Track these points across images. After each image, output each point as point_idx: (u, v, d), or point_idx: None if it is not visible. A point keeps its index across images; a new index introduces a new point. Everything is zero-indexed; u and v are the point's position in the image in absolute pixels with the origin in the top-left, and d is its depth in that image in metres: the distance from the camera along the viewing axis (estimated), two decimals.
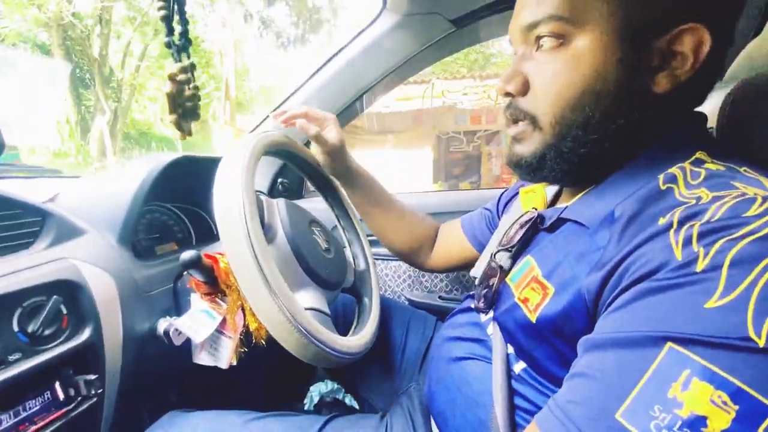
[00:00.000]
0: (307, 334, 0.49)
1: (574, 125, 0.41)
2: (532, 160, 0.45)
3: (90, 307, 0.53)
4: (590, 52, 0.39)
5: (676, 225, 0.32)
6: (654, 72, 0.39)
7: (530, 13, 0.41)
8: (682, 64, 0.38)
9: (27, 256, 0.52)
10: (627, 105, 0.39)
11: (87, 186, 0.71)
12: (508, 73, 0.44)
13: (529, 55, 0.43)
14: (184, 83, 0.35)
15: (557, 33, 0.39)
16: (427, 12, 0.86)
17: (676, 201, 0.34)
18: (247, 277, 0.47)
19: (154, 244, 0.82)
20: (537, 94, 0.43)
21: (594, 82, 0.39)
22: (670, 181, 0.37)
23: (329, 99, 1.06)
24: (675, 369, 0.27)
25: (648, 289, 0.31)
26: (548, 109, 0.42)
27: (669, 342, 0.28)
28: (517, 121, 0.46)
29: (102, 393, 0.54)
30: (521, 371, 0.48)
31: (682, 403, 0.26)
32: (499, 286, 0.50)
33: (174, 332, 0.64)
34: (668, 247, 0.31)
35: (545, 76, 0.41)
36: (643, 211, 0.36)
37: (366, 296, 0.76)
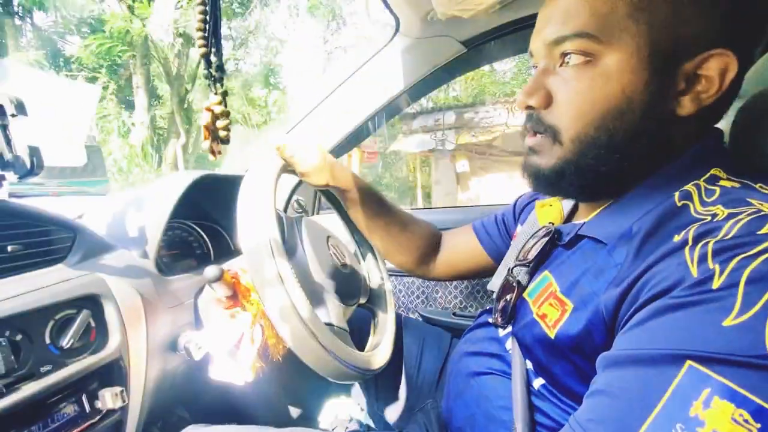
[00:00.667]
0: (328, 350, 0.50)
1: (596, 144, 0.41)
2: (550, 174, 0.45)
3: (117, 321, 0.55)
4: (618, 72, 0.38)
5: (692, 242, 0.32)
6: (679, 95, 0.39)
7: (557, 28, 0.41)
8: (708, 88, 0.38)
9: (59, 271, 0.54)
10: (651, 126, 0.40)
11: (113, 204, 0.74)
12: (530, 87, 0.44)
13: (552, 70, 0.43)
14: (220, 114, 0.38)
15: (585, 51, 0.39)
16: (439, 35, 0.89)
17: (692, 218, 0.35)
18: (271, 294, 0.48)
19: (175, 260, 0.84)
20: (560, 109, 0.42)
21: (619, 102, 0.39)
22: (685, 198, 0.37)
23: (340, 121, 1.09)
24: (695, 387, 0.27)
25: (665, 306, 0.31)
26: (570, 125, 0.42)
27: (688, 360, 0.28)
28: (536, 134, 0.46)
29: (126, 406, 0.55)
30: (540, 387, 0.47)
31: (704, 421, 0.26)
32: (516, 301, 0.50)
33: (194, 346, 0.65)
34: (684, 264, 0.31)
35: (570, 93, 0.41)
36: (658, 228, 0.36)
37: (381, 311, 0.76)
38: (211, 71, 0.36)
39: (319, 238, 0.69)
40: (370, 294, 0.77)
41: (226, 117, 0.39)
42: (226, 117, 0.39)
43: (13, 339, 0.45)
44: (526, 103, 0.45)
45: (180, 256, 0.86)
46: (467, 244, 0.77)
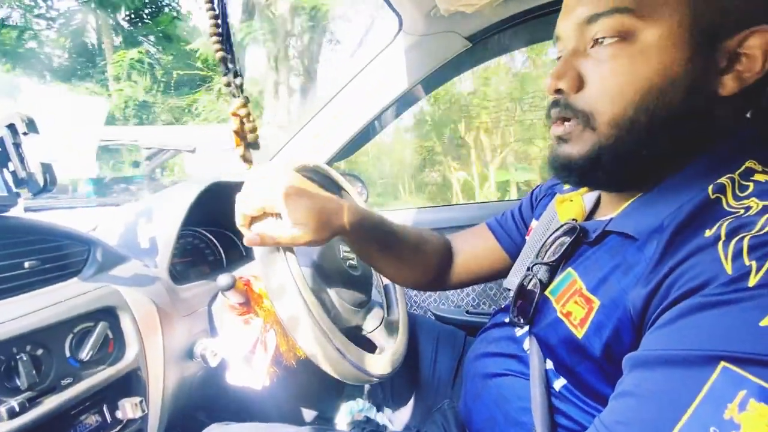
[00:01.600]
0: (343, 354, 0.50)
1: (636, 126, 0.38)
2: (584, 162, 0.42)
3: (134, 332, 0.56)
4: (659, 48, 0.36)
5: (725, 237, 0.31)
6: (721, 74, 0.37)
7: (591, 6, 0.38)
8: (750, 66, 0.36)
9: (76, 284, 0.55)
10: (695, 106, 0.38)
11: (125, 215, 0.75)
12: (559, 69, 0.41)
13: (582, 51, 0.41)
14: (245, 117, 0.38)
15: (622, 28, 0.37)
16: (443, 31, 0.88)
17: (724, 211, 0.33)
18: (284, 300, 0.48)
19: (188, 268, 0.85)
20: (593, 91, 0.40)
21: (660, 80, 0.37)
22: (718, 191, 0.35)
23: (346, 121, 1.09)
24: (730, 389, 0.26)
25: (697, 305, 0.30)
26: (606, 108, 0.39)
27: (723, 361, 0.27)
28: (563, 121, 0.43)
29: (146, 415, 0.55)
30: (562, 388, 0.46)
31: (739, 425, 0.25)
32: (538, 299, 0.48)
33: (210, 353, 0.66)
34: (717, 260, 0.30)
35: (605, 73, 0.39)
36: (689, 222, 0.34)
37: (393, 313, 0.76)
38: (229, 75, 0.36)
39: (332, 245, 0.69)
40: (382, 296, 0.77)
41: (252, 120, 0.38)
42: (253, 120, 0.39)
43: (34, 354, 0.46)
44: (556, 86, 0.42)
45: (192, 264, 0.87)
46: (485, 246, 0.72)
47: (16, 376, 0.44)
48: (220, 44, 0.35)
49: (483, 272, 0.73)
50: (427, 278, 0.71)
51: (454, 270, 0.73)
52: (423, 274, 0.69)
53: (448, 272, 0.73)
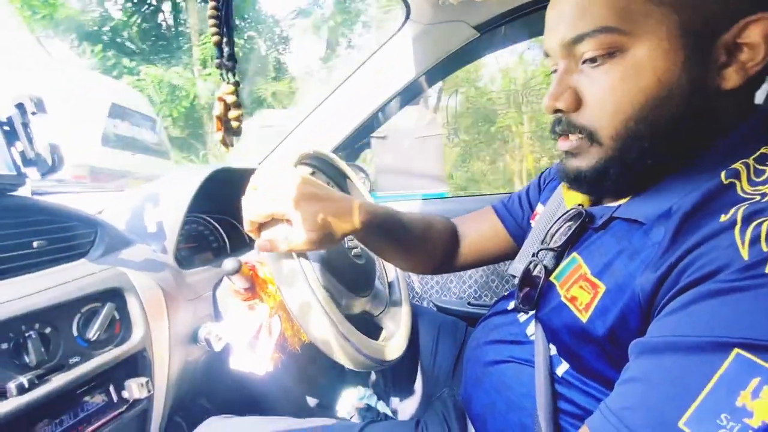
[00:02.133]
0: (348, 340, 0.50)
1: (639, 136, 0.39)
2: (593, 175, 0.42)
3: (140, 314, 0.56)
4: (650, 61, 0.36)
5: (741, 222, 0.31)
6: (721, 68, 0.37)
7: (573, 26, 0.39)
8: (753, 55, 0.36)
9: (83, 265, 0.56)
10: (695, 107, 0.38)
11: (131, 199, 0.75)
12: (555, 89, 0.42)
13: (574, 68, 0.41)
14: (232, 103, 0.38)
15: (609, 45, 0.37)
16: (451, 20, 0.88)
17: (739, 197, 0.33)
18: (289, 286, 0.49)
19: (192, 254, 0.85)
20: (593, 109, 0.40)
21: (657, 91, 0.37)
22: (732, 176, 0.35)
23: (352, 112, 1.08)
24: (743, 376, 0.26)
25: (711, 290, 0.30)
26: (607, 123, 0.39)
27: (736, 348, 0.27)
28: (569, 135, 0.43)
29: (151, 396, 0.56)
30: (564, 373, 0.46)
31: (752, 412, 0.25)
32: (543, 285, 0.48)
33: (215, 338, 0.66)
34: (733, 245, 0.30)
35: (601, 91, 0.39)
36: (702, 207, 0.34)
37: (396, 302, 0.76)
38: (223, 60, 0.36)
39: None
40: (386, 286, 0.77)
41: (238, 107, 0.38)
42: (239, 107, 0.38)
43: (42, 332, 0.47)
44: (555, 107, 0.42)
45: (197, 250, 0.87)
46: (489, 228, 0.72)
47: (25, 354, 0.45)
48: (217, 27, 0.34)
49: (488, 255, 0.74)
50: (434, 263, 0.72)
51: (460, 253, 0.73)
52: (430, 260, 0.70)
53: (454, 255, 0.73)
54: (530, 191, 0.70)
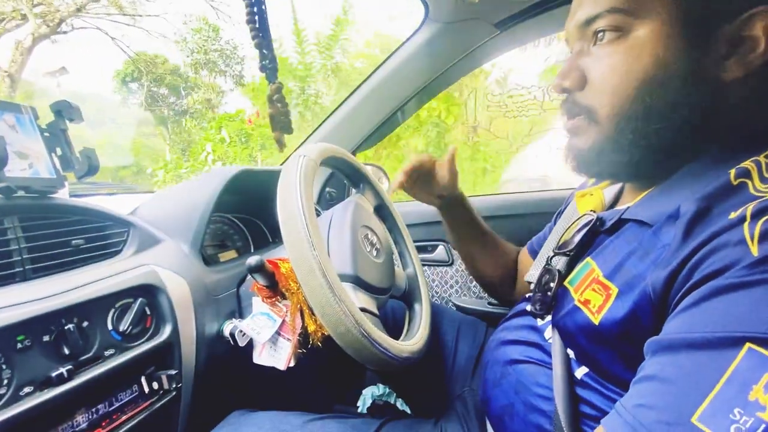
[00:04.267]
0: (367, 337, 0.51)
1: (634, 117, 0.40)
2: (590, 154, 0.45)
3: (169, 309, 0.59)
4: (650, 42, 0.38)
5: (750, 218, 0.31)
6: (723, 59, 0.37)
7: (588, 8, 0.41)
8: (753, 48, 0.36)
9: (117, 263, 0.59)
10: (692, 94, 0.38)
11: (162, 200, 0.78)
12: (564, 69, 0.45)
13: (586, 51, 0.43)
14: (279, 102, 0.39)
15: (616, 25, 0.40)
16: (470, 18, 0.87)
17: (750, 195, 0.33)
18: (312, 284, 0.50)
19: (218, 252, 0.88)
20: (594, 87, 0.42)
21: (654, 71, 0.38)
22: (742, 175, 0.35)
23: (375, 108, 1.09)
24: (756, 371, 0.26)
25: (722, 286, 0.30)
26: (606, 102, 0.41)
27: (748, 342, 0.27)
28: (573, 116, 0.46)
29: (180, 388, 0.59)
30: (584, 376, 0.46)
31: (765, 406, 0.25)
32: (557, 290, 0.49)
33: (239, 333, 0.69)
34: (742, 241, 0.30)
35: (603, 69, 0.41)
36: (712, 207, 0.34)
37: (416, 303, 0.76)
38: (265, 63, 0.38)
39: (353, 228, 0.70)
40: (406, 286, 0.78)
41: (285, 105, 0.40)
42: (285, 105, 0.40)
43: (80, 325, 0.50)
44: (562, 86, 0.45)
45: (222, 248, 0.90)
46: (525, 263, 0.79)
47: (65, 346, 0.48)
48: (257, 32, 0.36)
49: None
50: (497, 276, 0.83)
51: (517, 281, 0.83)
52: (496, 270, 0.82)
53: (511, 283, 0.83)
54: (551, 225, 0.74)
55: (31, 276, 0.51)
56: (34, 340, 0.46)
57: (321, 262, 0.50)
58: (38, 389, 0.45)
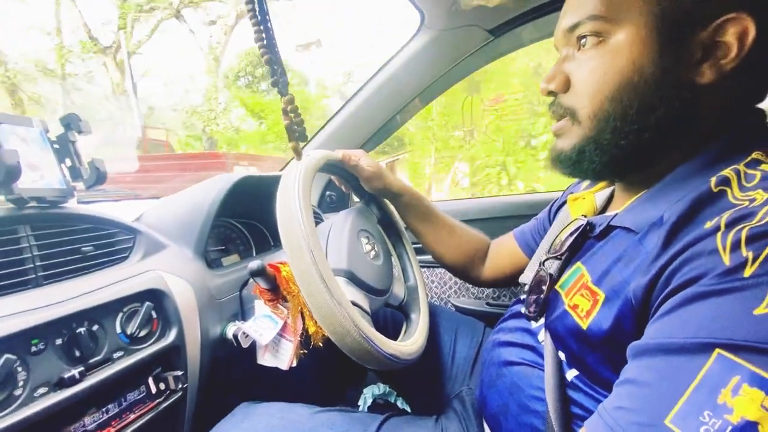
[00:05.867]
0: (367, 339, 0.53)
1: (612, 117, 0.42)
2: (572, 154, 0.46)
3: (174, 312, 0.61)
4: (627, 46, 0.40)
5: (724, 228, 0.32)
6: (698, 63, 0.39)
7: (572, 15, 0.44)
8: (727, 54, 0.38)
9: (124, 268, 0.61)
10: (668, 96, 0.40)
11: (166, 206, 0.81)
12: (550, 73, 0.47)
13: (571, 56, 0.46)
14: (293, 113, 0.41)
15: (596, 31, 0.42)
16: (465, 25, 0.89)
17: (728, 204, 0.34)
18: (310, 286, 0.52)
19: (221, 256, 0.90)
20: (577, 89, 0.45)
21: (631, 74, 0.40)
22: (722, 183, 0.36)
23: (372, 114, 1.11)
24: (724, 375, 0.27)
25: (695, 294, 0.31)
26: (587, 102, 0.43)
27: (717, 348, 0.28)
28: (559, 118, 0.48)
29: (186, 388, 0.61)
30: (574, 378, 0.47)
31: (732, 408, 0.26)
32: (549, 293, 0.50)
33: (242, 335, 0.71)
34: (715, 251, 0.31)
35: (584, 72, 0.44)
36: (691, 215, 0.35)
37: (414, 313, 0.77)
38: (276, 78, 0.40)
39: (352, 230, 0.72)
40: (405, 295, 0.79)
41: (299, 115, 0.42)
42: (299, 115, 0.42)
43: (90, 329, 0.52)
44: (548, 89, 0.47)
45: (225, 252, 0.92)
46: (508, 250, 0.81)
47: (76, 348, 0.50)
48: (266, 48, 0.38)
49: (506, 274, 0.82)
50: (458, 262, 0.85)
51: (485, 267, 0.85)
52: (455, 256, 0.84)
53: (480, 267, 0.85)
54: (542, 217, 0.76)
55: (43, 282, 0.53)
56: (47, 344, 0.48)
57: (319, 268, 0.52)
58: (52, 390, 0.47)
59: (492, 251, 0.85)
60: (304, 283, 0.53)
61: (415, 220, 0.83)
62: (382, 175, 0.77)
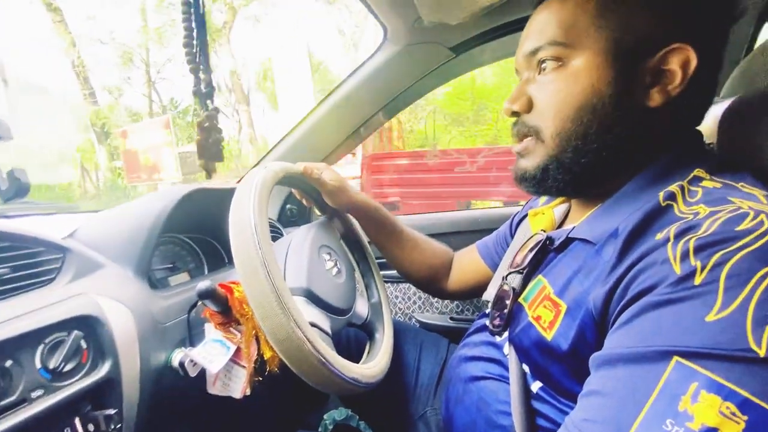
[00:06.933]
0: (326, 364, 0.49)
1: (574, 136, 0.44)
2: (536, 173, 0.48)
3: (109, 341, 0.54)
4: (585, 70, 0.43)
5: (673, 239, 0.34)
6: (647, 88, 0.42)
7: (533, 40, 0.47)
8: (672, 80, 0.41)
9: (49, 293, 0.54)
10: (623, 117, 0.43)
11: (105, 220, 0.73)
12: (513, 95, 0.49)
13: (532, 79, 0.48)
14: (211, 129, 0.38)
15: (556, 56, 0.45)
16: (427, 41, 0.90)
17: (675, 217, 0.36)
18: (264, 307, 0.48)
19: (168, 275, 0.83)
20: (540, 109, 0.47)
21: (590, 97, 0.43)
22: (669, 198, 0.38)
23: (332, 129, 1.09)
24: (683, 382, 0.28)
25: (651, 303, 0.32)
26: (550, 122, 0.46)
27: (675, 356, 0.29)
28: (522, 138, 0.50)
29: (120, 428, 0.54)
30: (539, 390, 0.48)
31: (692, 416, 0.27)
32: (512, 307, 0.51)
33: (189, 363, 0.64)
34: (667, 261, 0.33)
35: (547, 94, 0.46)
36: (643, 227, 0.37)
37: (378, 333, 0.74)
38: (201, 87, 0.36)
39: (312, 246, 0.68)
40: (368, 315, 0.76)
41: (218, 132, 0.39)
42: (219, 132, 0.39)
43: (2, 365, 0.45)
44: (511, 110, 0.49)
45: (172, 271, 0.85)
46: (472, 262, 0.81)
47: None
48: (192, 56, 0.35)
49: (472, 286, 0.82)
50: (422, 275, 0.84)
51: (450, 280, 0.85)
52: (419, 270, 0.83)
53: (444, 280, 0.85)
54: (504, 231, 0.77)
55: None
56: None
57: (271, 277, 0.48)
58: None
59: (456, 264, 0.85)
60: (257, 303, 0.49)
61: (379, 235, 0.82)
62: (345, 188, 0.75)
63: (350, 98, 1.03)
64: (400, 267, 0.84)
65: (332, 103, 1.05)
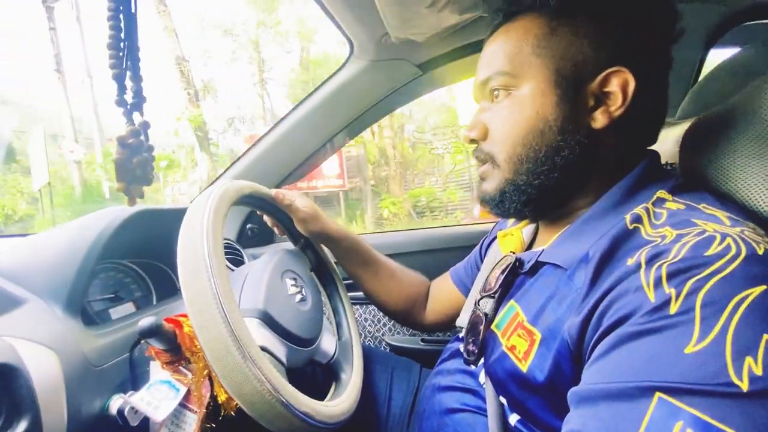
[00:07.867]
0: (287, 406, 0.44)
1: (525, 159, 0.46)
2: (495, 195, 0.50)
3: (28, 393, 0.45)
4: (530, 97, 0.45)
5: (645, 264, 0.33)
6: (591, 110, 0.44)
7: (484, 70, 0.50)
8: (614, 102, 0.43)
9: None
10: (569, 140, 0.45)
11: (30, 247, 0.64)
12: (471, 123, 0.52)
13: (487, 107, 0.50)
14: (136, 147, 0.32)
15: (504, 85, 0.47)
16: (394, 58, 0.89)
17: (643, 240, 0.36)
18: (214, 340, 0.42)
19: (109, 307, 0.74)
20: (493, 136, 0.49)
21: (536, 122, 0.45)
22: (635, 221, 0.39)
23: (297, 144, 1.05)
24: (668, 420, 0.27)
25: (627, 334, 0.31)
26: (502, 147, 0.48)
27: (657, 392, 0.28)
28: (482, 162, 0.52)
29: None
30: (517, 422, 0.46)
31: None
32: (485, 334, 0.49)
33: (129, 411, 0.56)
34: (640, 288, 0.32)
35: (499, 121, 0.48)
36: (613, 251, 0.37)
37: (344, 373, 0.67)
38: (125, 97, 0.31)
39: (275, 269, 0.63)
40: (335, 352, 0.68)
41: (146, 151, 0.33)
42: (147, 151, 0.33)
43: None
44: (470, 137, 0.52)
45: (115, 301, 0.76)
46: (447, 290, 0.79)
47: None
48: (116, 59, 0.29)
49: (449, 315, 0.79)
50: (400, 307, 0.80)
51: (427, 310, 0.82)
52: (397, 302, 0.80)
53: (420, 311, 0.82)
54: (475, 256, 0.77)
55: None
56: None
57: (228, 317, 0.42)
58: None
59: (432, 293, 0.83)
60: (203, 331, 0.43)
61: (353, 266, 0.79)
62: (318, 216, 0.72)
63: (316, 113, 1.00)
64: (376, 298, 0.81)
65: (296, 119, 1.01)
